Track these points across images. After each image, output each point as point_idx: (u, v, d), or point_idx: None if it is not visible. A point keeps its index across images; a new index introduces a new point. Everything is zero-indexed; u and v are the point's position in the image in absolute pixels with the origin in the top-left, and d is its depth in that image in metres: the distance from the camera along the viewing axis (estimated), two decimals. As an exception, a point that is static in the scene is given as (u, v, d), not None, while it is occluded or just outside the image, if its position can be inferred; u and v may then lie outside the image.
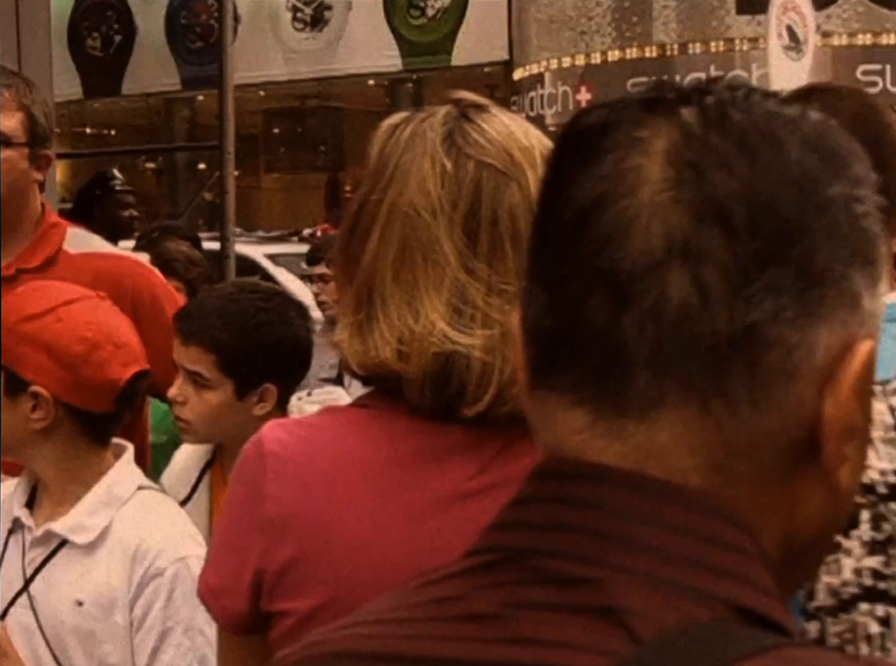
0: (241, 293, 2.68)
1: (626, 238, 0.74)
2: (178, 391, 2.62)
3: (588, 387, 0.77)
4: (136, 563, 2.16)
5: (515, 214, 1.39)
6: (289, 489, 1.42)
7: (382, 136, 1.46)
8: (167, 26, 23.17)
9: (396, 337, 1.39)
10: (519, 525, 0.80)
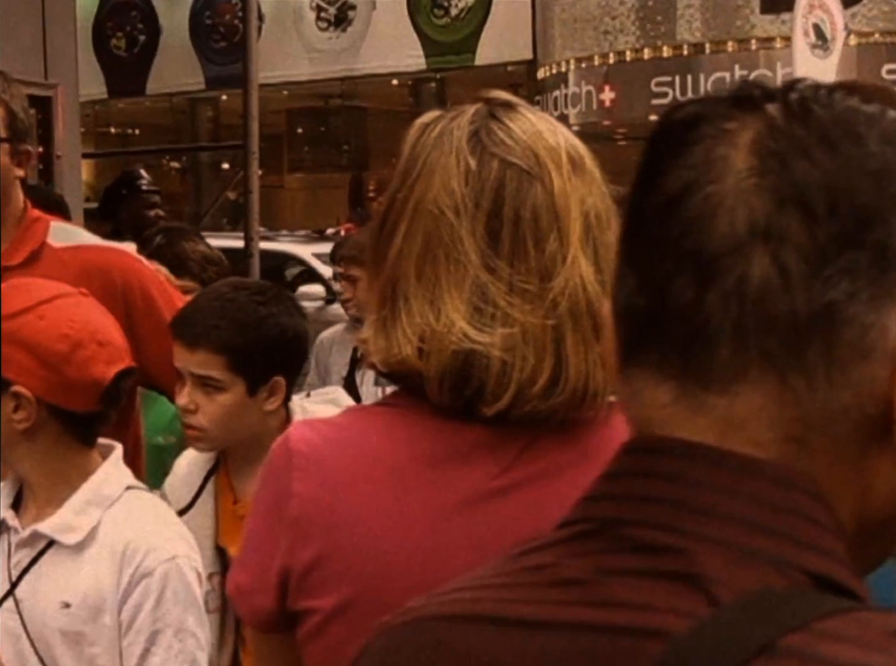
0: (235, 291, 2.64)
1: (712, 221, 0.79)
2: (188, 400, 2.56)
3: (674, 363, 0.81)
4: (125, 563, 2.10)
5: (538, 214, 1.38)
6: (314, 488, 1.42)
7: (413, 134, 1.46)
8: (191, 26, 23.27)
9: (418, 335, 1.39)
10: (608, 497, 0.85)
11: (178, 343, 2.55)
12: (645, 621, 0.77)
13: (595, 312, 1.38)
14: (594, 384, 1.38)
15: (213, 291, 2.69)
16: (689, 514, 0.79)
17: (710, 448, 0.80)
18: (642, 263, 0.83)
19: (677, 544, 0.78)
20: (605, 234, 1.41)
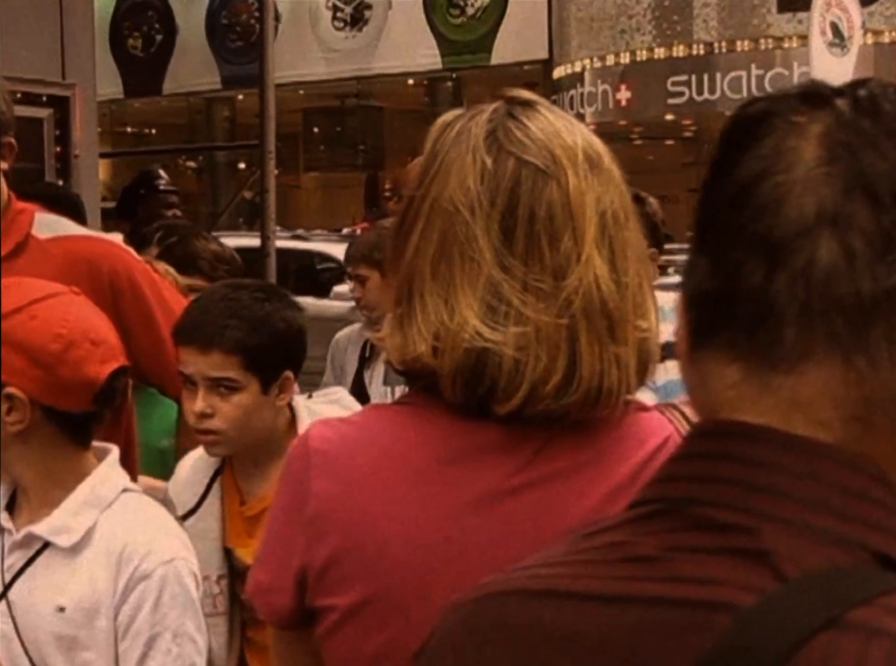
0: (236, 291, 2.62)
1: (781, 207, 0.83)
2: (204, 404, 2.52)
3: (742, 344, 0.85)
4: (122, 565, 2.06)
5: (553, 212, 1.38)
6: (332, 486, 1.42)
7: (434, 133, 1.46)
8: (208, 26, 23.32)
9: (432, 333, 1.39)
10: (678, 478, 0.88)
11: (188, 348, 2.53)
12: (714, 595, 0.80)
13: (610, 312, 1.38)
14: (608, 383, 1.38)
15: (214, 294, 2.67)
16: (757, 494, 0.82)
17: (778, 431, 0.83)
18: (714, 250, 0.87)
19: (746, 523, 0.81)
20: (622, 233, 1.41)
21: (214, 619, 2.58)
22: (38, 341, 2.07)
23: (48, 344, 2.07)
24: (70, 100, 6.22)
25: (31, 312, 2.09)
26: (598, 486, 1.40)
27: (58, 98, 6.23)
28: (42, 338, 2.07)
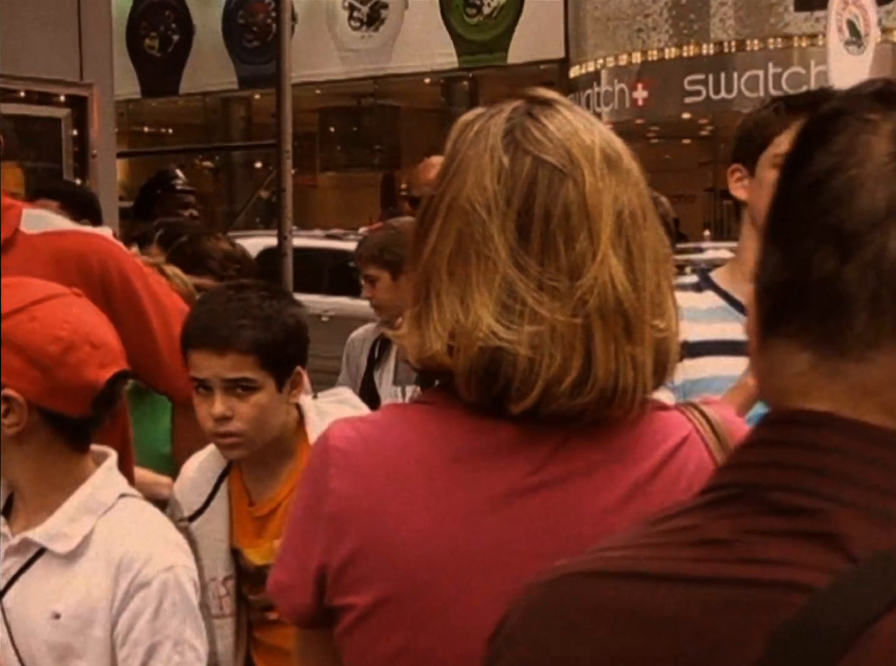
0: (241, 291, 2.61)
1: (853, 200, 0.86)
2: (223, 407, 2.51)
3: (812, 331, 0.88)
4: (121, 572, 2.02)
5: (569, 212, 1.39)
6: (350, 485, 1.43)
7: (454, 132, 1.47)
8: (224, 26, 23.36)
9: (448, 332, 1.39)
10: (748, 465, 0.91)
11: (202, 351, 2.52)
12: (787, 576, 0.82)
13: (625, 311, 1.38)
14: (624, 383, 1.38)
15: (218, 296, 2.64)
16: (827, 479, 0.85)
17: (847, 419, 0.86)
18: (787, 241, 0.90)
19: (816, 506, 0.84)
20: (640, 233, 1.41)
21: (220, 620, 2.59)
22: (37, 343, 2.03)
23: (47, 346, 2.03)
24: (88, 100, 6.24)
25: (30, 313, 2.06)
26: (615, 485, 1.40)
27: (76, 98, 6.25)
28: (41, 339, 2.03)
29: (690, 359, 1.47)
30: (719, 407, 1.48)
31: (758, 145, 2.50)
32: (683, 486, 1.40)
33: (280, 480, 2.60)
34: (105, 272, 2.69)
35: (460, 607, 1.40)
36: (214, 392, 2.52)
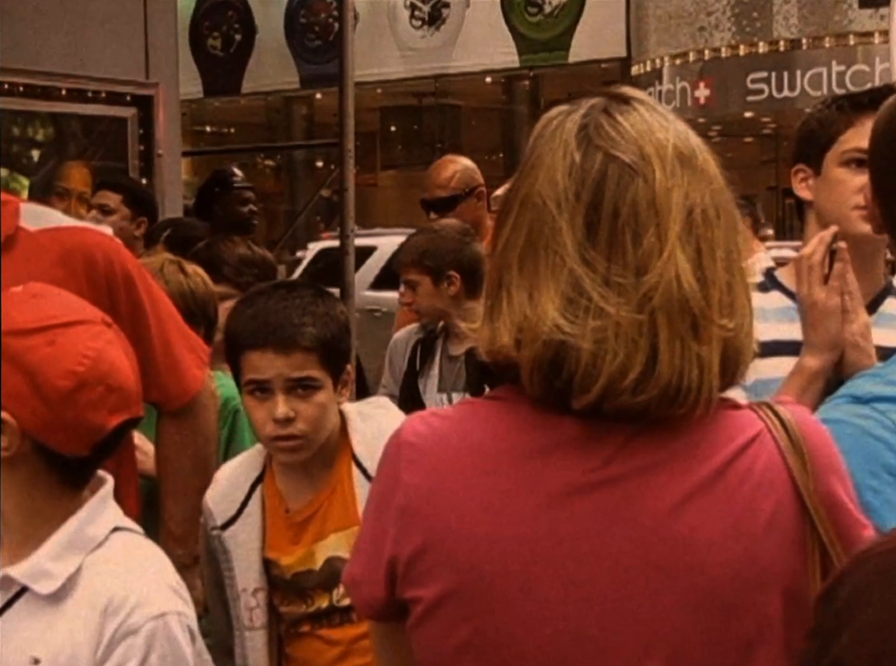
0: (292, 290, 2.57)
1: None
2: (287, 408, 2.46)
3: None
4: (107, 617, 1.81)
5: (638, 208, 1.39)
6: (420, 478, 1.44)
7: (537, 128, 1.48)
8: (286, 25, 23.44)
9: (516, 325, 1.41)
10: None
11: (263, 352, 2.46)
12: None
13: (692, 310, 1.38)
14: (688, 382, 1.38)
15: (269, 296, 2.56)
16: None
17: None
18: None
19: None
20: (711, 231, 1.41)
21: (251, 633, 2.56)
22: (49, 373, 1.85)
23: (58, 379, 1.85)
24: (154, 99, 6.30)
25: (50, 337, 1.87)
26: (679, 483, 1.41)
27: (142, 97, 6.31)
28: (53, 370, 1.85)
29: (760, 359, 1.46)
30: (793, 407, 1.48)
31: (822, 144, 2.49)
32: (752, 484, 1.40)
33: (318, 485, 2.56)
34: (110, 270, 2.64)
35: (525, 601, 1.41)
36: (275, 394, 2.47)
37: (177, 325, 2.85)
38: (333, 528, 2.53)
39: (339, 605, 2.53)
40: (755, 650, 1.40)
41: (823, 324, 2.27)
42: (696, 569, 1.39)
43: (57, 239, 2.61)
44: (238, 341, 2.51)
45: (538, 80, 22.38)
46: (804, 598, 1.40)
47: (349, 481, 2.53)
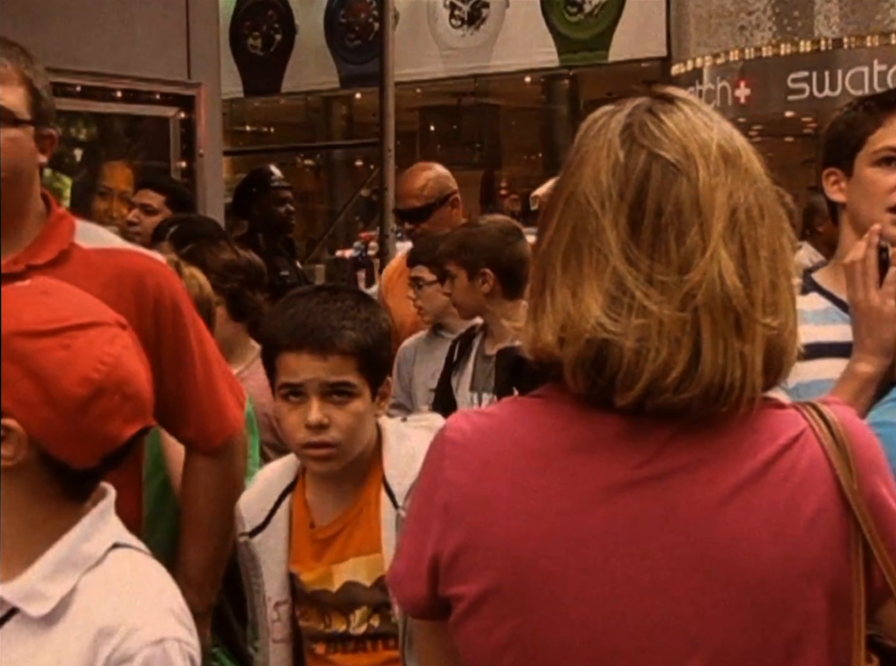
0: (333, 294, 2.48)
1: None
2: (321, 414, 2.38)
3: None
4: (101, 642, 1.67)
5: (681, 207, 1.40)
6: (463, 476, 1.45)
7: (582, 128, 1.49)
8: (326, 25, 23.47)
9: (559, 323, 1.42)
10: None
11: (300, 353, 2.39)
12: None
13: (735, 308, 1.39)
14: (731, 379, 1.39)
15: (308, 297, 2.47)
16: None
17: None
18: None
19: None
20: (755, 230, 1.41)
21: (274, 645, 2.51)
22: (64, 379, 1.71)
23: (74, 386, 1.71)
24: (195, 99, 6.33)
25: (65, 340, 1.73)
26: (721, 481, 1.41)
27: (184, 97, 6.34)
28: (68, 376, 1.72)
29: (801, 362, 1.47)
30: (838, 407, 1.48)
31: (852, 146, 2.49)
32: (795, 483, 1.41)
33: (346, 502, 2.49)
34: (159, 297, 2.60)
35: (568, 598, 1.42)
36: (310, 398, 2.40)
37: (219, 363, 2.80)
38: (354, 551, 2.46)
39: (355, 632, 2.48)
40: (800, 649, 1.40)
41: (879, 329, 2.26)
42: (738, 566, 1.39)
43: (110, 260, 2.58)
44: (274, 342, 2.45)
45: (578, 80, 22.31)
46: (848, 597, 1.40)
47: (376, 504, 2.45)
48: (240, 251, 3.99)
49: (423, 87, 22.72)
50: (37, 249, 2.53)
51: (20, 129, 2.48)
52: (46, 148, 2.57)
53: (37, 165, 2.56)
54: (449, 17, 22.20)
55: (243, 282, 3.82)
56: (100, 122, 6.37)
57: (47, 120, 2.57)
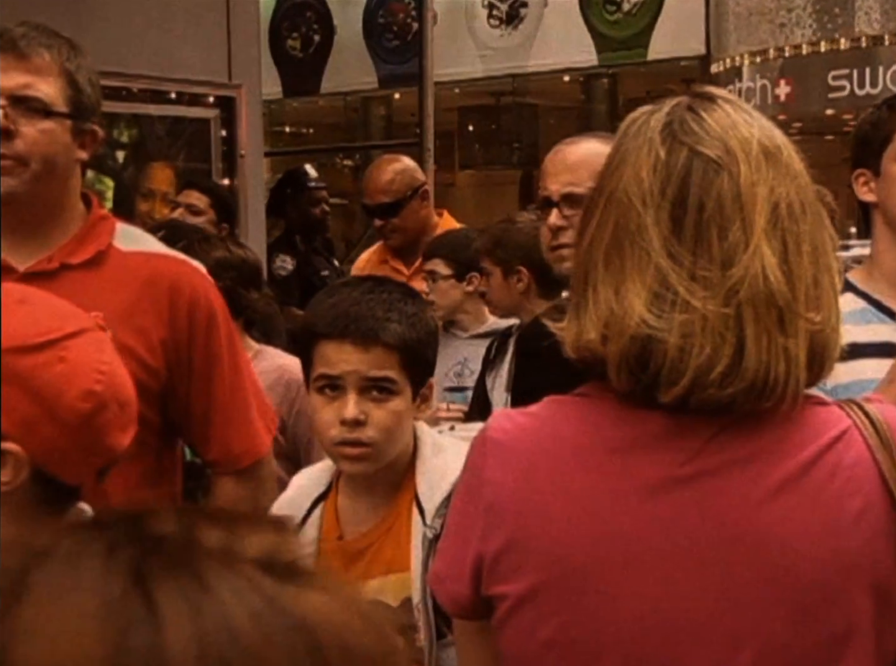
0: (380, 285, 2.34)
1: None
2: (357, 410, 2.23)
3: None
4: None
5: (723, 203, 1.40)
6: (506, 475, 1.46)
7: (622, 128, 1.50)
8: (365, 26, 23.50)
9: (602, 321, 1.42)
10: None
11: (341, 343, 2.24)
12: None
13: (778, 303, 1.39)
14: (775, 375, 1.39)
15: (353, 287, 2.33)
16: None
17: None
18: None
19: None
20: (797, 226, 1.42)
21: None
22: (66, 395, 1.60)
23: (78, 402, 1.60)
24: (236, 100, 6.35)
25: (60, 352, 1.61)
26: (766, 478, 1.42)
27: (224, 99, 6.37)
28: (71, 391, 1.60)
29: (839, 363, 1.47)
30: (881, 405, 1.48)
31: (879, 145, 2.52)
32: (840, 480, 1.41)
33: (377, 514, 2.35)
34: (194, 305, 2.52)
35: (611, 596, 1.42)
36: (347, 392, 2.25)
37: (253, 383, 2.69)
38: (381, 570, 2.31)
39: None
40: (846, 645, 1.40)
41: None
42: (783, 564, 1.39)
43: (148, 264, 2.52)
44: (313, 330, 2.30)
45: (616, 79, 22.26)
46: (893, 595, 1.40)
47: (407, 521, 2.30)
48: (234, 249, 3.89)
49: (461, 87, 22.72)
50: (73, 248, 2.48)
51: (54, 121, 2.41)
52: (87, 144, 2.50)
53: (75, 161, 2.49)
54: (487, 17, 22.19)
55: (236, 279, 3.72)
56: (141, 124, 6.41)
57: (89, 115, 2.48)
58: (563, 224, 2.89)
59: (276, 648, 0.56)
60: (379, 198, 5.24)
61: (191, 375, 2.47)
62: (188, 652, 0.52)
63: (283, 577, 0.59)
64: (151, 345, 2.44)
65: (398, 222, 5.17)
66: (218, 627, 0.55)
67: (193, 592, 0.56)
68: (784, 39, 18.34)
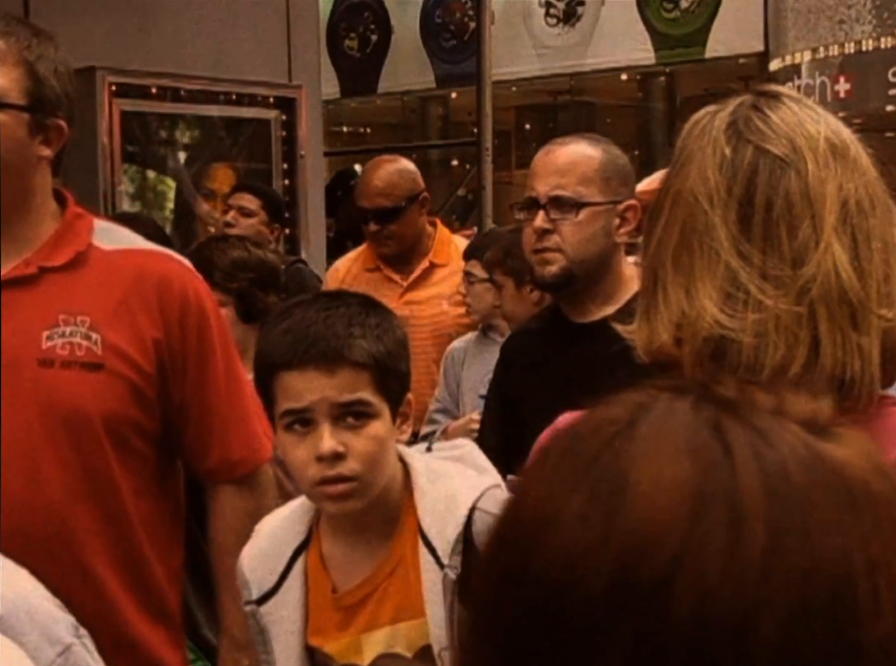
0: (335, 300, 2.13)
1: None
2: (335, 441, 1.99)
3: None
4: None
5: (791, 201, 1.39)
6: None
7: (685, 128, 1.49)
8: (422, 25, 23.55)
9: (674, 323, 1.42)
10: None
11: (303, 370, 2.01)
12: None
13: (850, 300, 1.38)
14: (851, 373, 1.38)
15: (306, 307, 2.10)
16: None
17: None
18: None
19: None
20: (867, 222, 1.41)
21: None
22: None
23: None
24: (296, 101, 6.39)
25: None
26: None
27: (284, 99, 6.41)
28: None
29: None
30: None
31: None
32: None
33: (374, 560, 2.09)
34: (185, 300, 2.41)
35: None
36: (319, 424, 2.01)
37: (249, 385, 2.45)
38: (389, 619, 2.07)
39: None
40: None
41: None
42: None
43: (134, 261, 2.40)
44: (269, 361, 2.06)
45: (674, 77, 22.18)
46: None
47: (414, 560, 2.06)
48: (253, 249, 3.75)
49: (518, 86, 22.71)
50: (49, 251, 2.35)
51: (6, 113, 2.25)
52: (52, 140, 2.33)
53: (35, 157, 2.32)
54: (544, 16, 22.17)
55: (253, 281, 3.59)
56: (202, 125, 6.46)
57: (52, 109, 2.31)
58: (549, 227, 2.89)
59: (817, 486, 0.73)
60: (379, 201, 4.78)
61: (185, 377, 2.38)
62: (755, 488, 0.71)
63: (819, 435, 0.76)
64: (144, 346, 2.35)
65: (396, 229, 4.77)
66: (777, 469, 0.72)
67: (758, 443, 0.73)
68: (843, 36, 18.20)
